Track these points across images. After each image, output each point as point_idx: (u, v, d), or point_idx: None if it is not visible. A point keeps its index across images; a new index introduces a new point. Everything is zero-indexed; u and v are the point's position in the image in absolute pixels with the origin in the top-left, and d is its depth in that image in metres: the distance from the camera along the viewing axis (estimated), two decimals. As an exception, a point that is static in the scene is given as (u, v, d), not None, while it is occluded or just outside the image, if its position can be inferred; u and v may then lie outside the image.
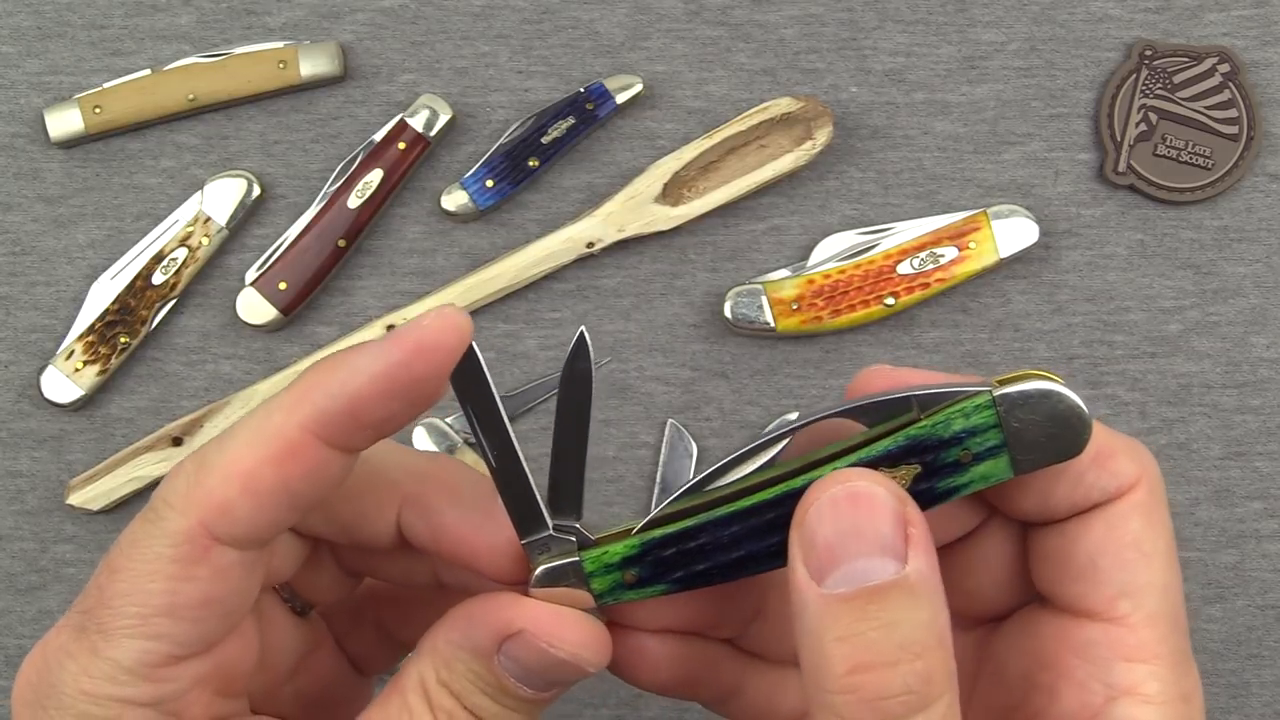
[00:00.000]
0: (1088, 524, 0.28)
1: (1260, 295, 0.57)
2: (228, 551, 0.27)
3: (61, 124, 0.56)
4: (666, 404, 0.56)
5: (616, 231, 0.56)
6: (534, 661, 0.28)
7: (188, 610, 0.26)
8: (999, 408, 0.27)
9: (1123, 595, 0.28)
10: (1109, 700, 0.28)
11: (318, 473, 0.27)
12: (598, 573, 0.28)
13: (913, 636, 0.25)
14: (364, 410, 0.26)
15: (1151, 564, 0.28)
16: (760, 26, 0.58)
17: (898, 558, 0.25)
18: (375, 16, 0.58)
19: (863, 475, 0.26)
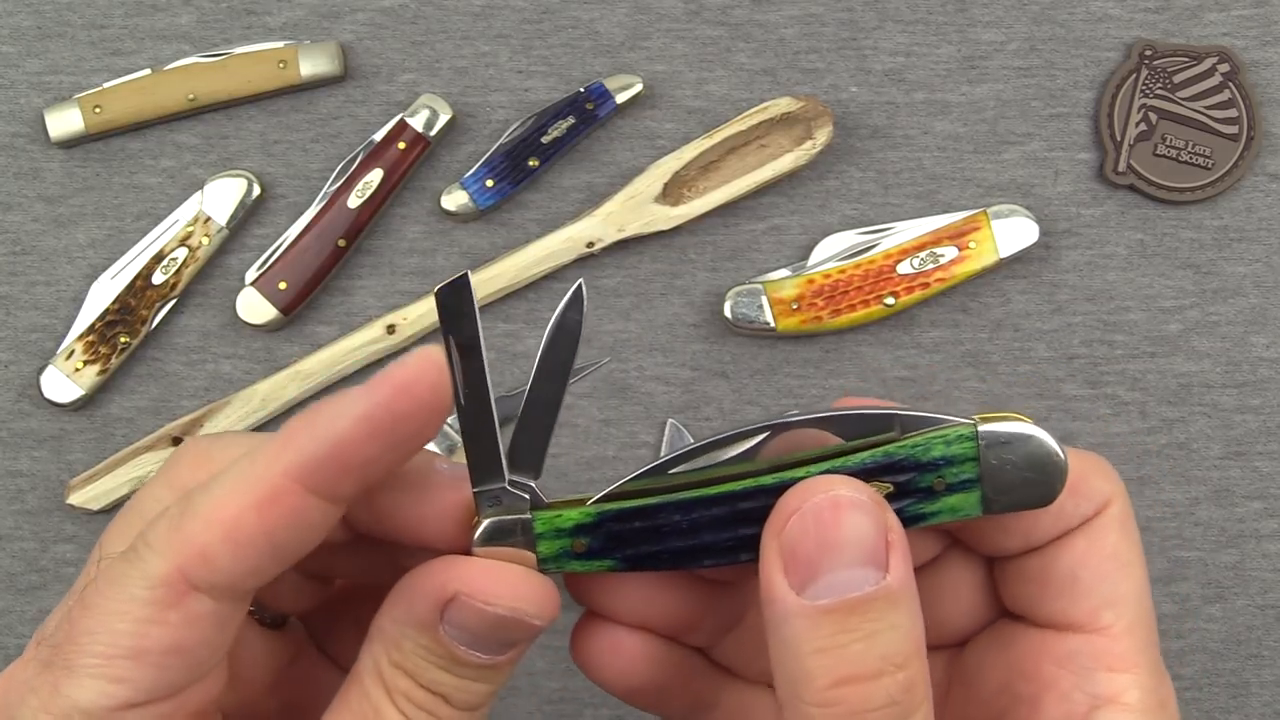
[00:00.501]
0: (1068, 541, 0.29)
1: (1260, 295, 0.57)
2: (203, 600, 0.26)
3: (61, 124, 0.56)
4: (666, 404, 0.56)
5: (616, 231, 0.56)
6: (476, 623, 0.27)
7: (154, 656, 0.26)
8: (980, 441, 0.26)
9: (1105, 606, 0.28)
10: (1092, 709, 0.28)
11: (301, 521, 0.26)
12: (547, 535, 0.28)
13: (895, 647, 0.25)
14: (348, 454, 0.26)
15: (1130, 575, 0.28)
16: (760, 26, 0.58)
17: (879, 567, 0.25)
18: (375, 16, 0.58)
19: (844, 483, 0.26)
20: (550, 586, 0.27)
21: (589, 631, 0.30)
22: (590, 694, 0.55)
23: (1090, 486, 0.28)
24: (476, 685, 0.28)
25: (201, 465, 0.28)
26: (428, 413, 0.26)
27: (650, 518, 0.27)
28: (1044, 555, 0.29)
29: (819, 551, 0.25)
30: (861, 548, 0.25)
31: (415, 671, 0.27)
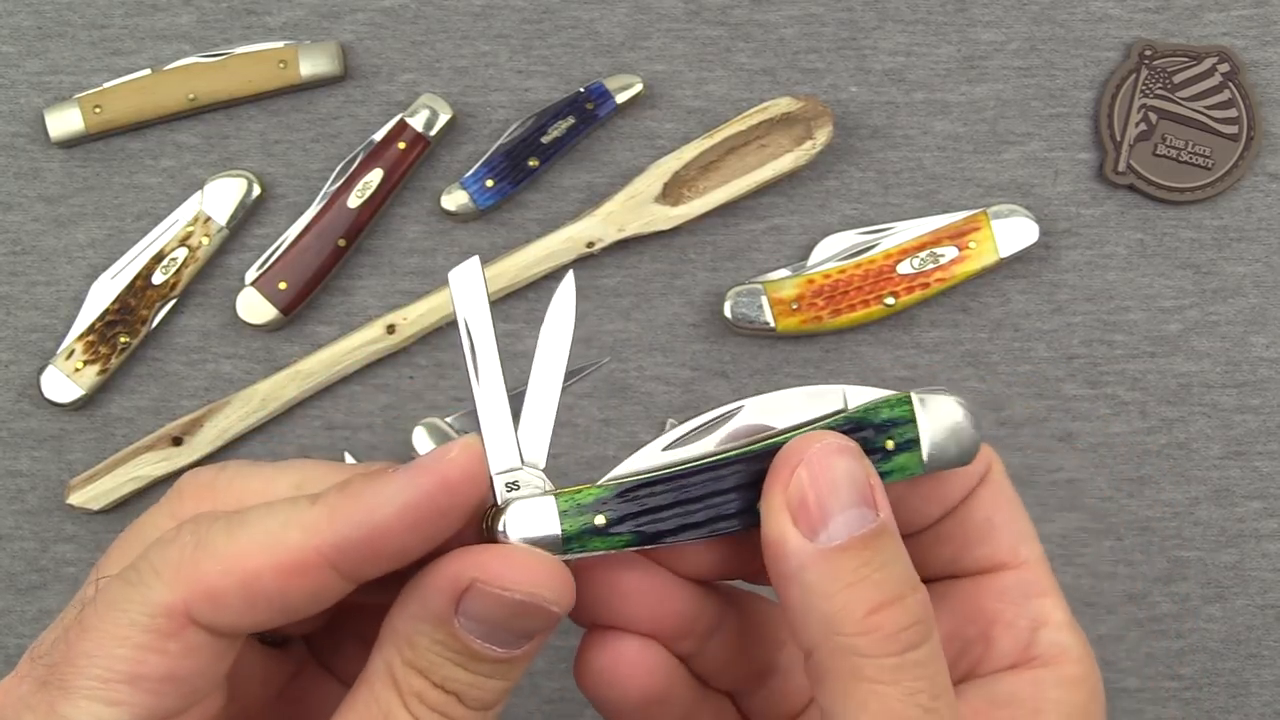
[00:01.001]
0: (974, 497, 0.32)
1: (1260, 295, 0.57)
2: (202, 633, 0.26)
3: (61, 124, 0.56)
4: (666, 404, 0.56)
5: (616, 231, 0.56)
6: (493, 612, 0.27)
7: (151, 683, 0.26)
8: (916, 406, 0.30)
9: (1020, 543, 0.32)
10: (1033, 630, 0.31)
11: (320, 592, 0.26)
12: (570, 511, 0.28)
13: (904, 572, 0.28)
14: (384, 543, 0.26)
15: (1026, 516, 0.33)
16: (760, 26, 0.58)
17: (872, 506, 0.28)
18: (375, 16, 0.58)
19: (828, 435, 0.29)
20: (566, 572, 0.28)
21: (599, 645, 0.31)
22: (590, 694, 0.55)
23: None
24: (491, 681, 0.28)
25: (205, 498, 0.29)
26: (466, 506, 0.27)
27: (664, 485, 0.29)
28: (957, 515, 0.32)
29: (825, 497, 0.28)
30: (855, 488, 0.28)
31: (429, 669, 0.27)
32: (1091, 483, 0.56)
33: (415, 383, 0.56)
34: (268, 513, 0.26)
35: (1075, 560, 0.56)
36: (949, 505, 0.32)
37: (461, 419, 0.55)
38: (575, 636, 0.58)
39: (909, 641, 0.27)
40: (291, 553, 0.26)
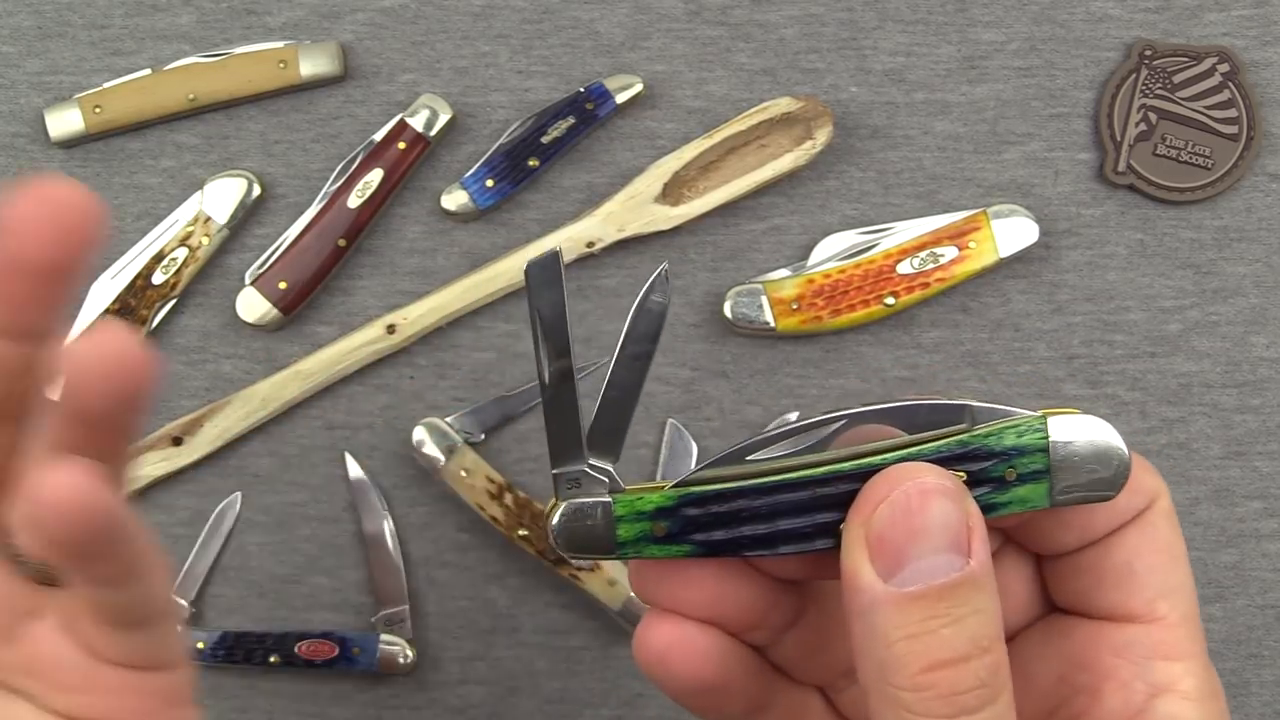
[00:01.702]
0: (1121, 534, 0.29)
1: (1260, 295, 0.57)
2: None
3: (61, 124, 0.56)
4: (666, 404, 0.56)
5: (616, 231, 0.56)
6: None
7: None
8: (1049, 433, 0.27)
9: (1160, 597, 0.29)
10: (1150, 697, 0.29)
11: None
12: (627, 518, 0.28)
13: (981, 630, 0.26)
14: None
15: (1180, 567, 0.29)
16: (760, 26, 0.58)
17: (963, 553, 0.26)
18: (375, 16, 0.58)
19: (930, 470, 0.27)
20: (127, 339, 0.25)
21: (656, 626, 0.30)
22: (590, 694, 0.55)
23: (1140, 482, 0.29)
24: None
25: None
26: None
27: (730, 501, 0.28)
28: (1098, 549, 0.29)
29: (907, 539, 0.26)
30: (947, 534, 0.26)
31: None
32: (1091, 483, 0.56)
33: (415, 383, 0.56)
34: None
35: (1075, 560, 0.56)
36: (1089, 538, 0.30)
37: (461, 419, 0.55)
38: (575, 636, 0.58)
39: (965, 705, 0.25)
40: None
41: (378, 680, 0.55)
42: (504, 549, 0.56)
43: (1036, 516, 0.29)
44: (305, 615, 0.56)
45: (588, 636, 0.56)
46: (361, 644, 0.54)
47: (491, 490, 0.54)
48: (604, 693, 0.56)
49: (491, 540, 0.56)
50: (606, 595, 0.54)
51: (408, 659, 0.54)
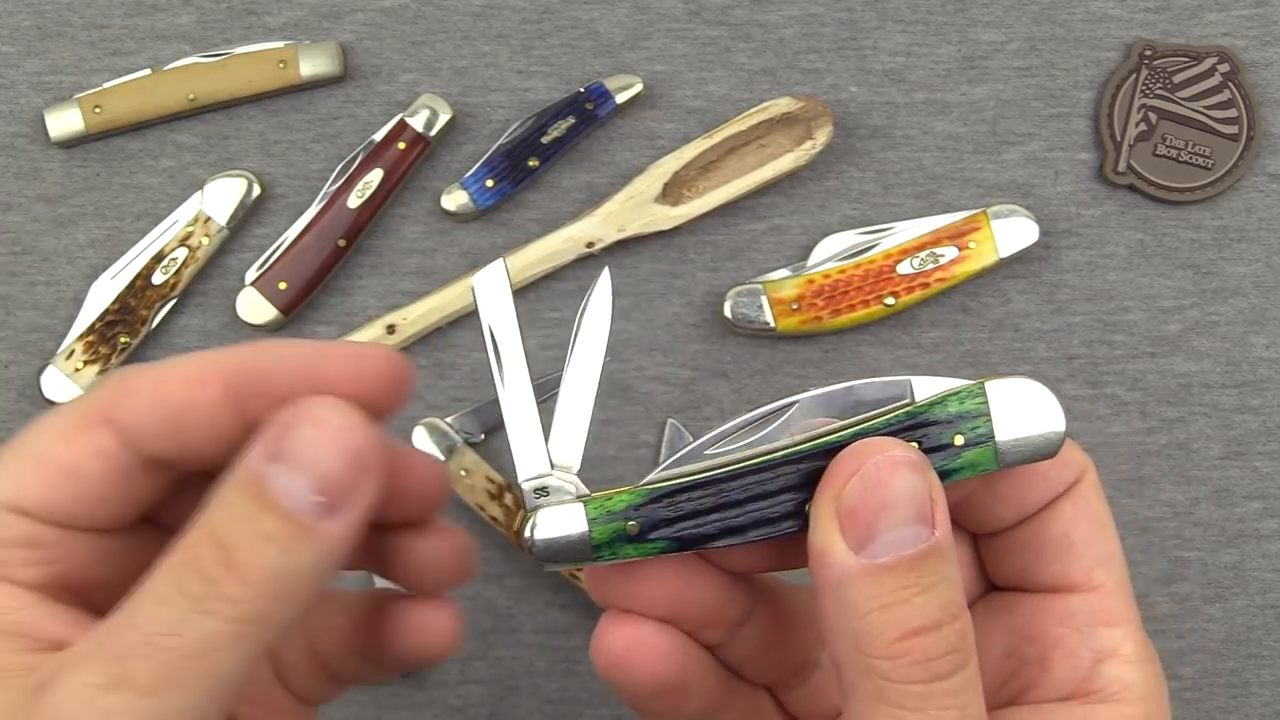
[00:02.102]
0: (1056, 508, 0.30)
1: (1260, 295, 0.57)
2: (111, 439, 0.27)
3: (61, 124, 0.56)
4: (666, 404, 0.56)
5: (616, 231, 0.56)
6: (298, 443, 0.26)
7: (50, 470, 0.27)
8: (989, 396, 0.28)
9: (1097, 565, 0.30)
10: (1096, 663, 0.30)
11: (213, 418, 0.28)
12: (600, 519, 0.28)
13: (949, 597, 0.27)
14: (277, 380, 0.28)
15: (1111, 536, 0.31)
16: (760, 26, 0.58)
17: (928, 523, 0.27)
18: (375, 16, 0.58)
19: (893, 444, 0.27)
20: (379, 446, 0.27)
21: (615, 628, 0.30)
22: (589, 694, 0.55)
23: (1069, 455, 0.30)
24: (271, 555, 0.25)
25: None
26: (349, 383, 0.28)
27: (701, 490, 0.28)
28: (1034, 524, 0.30)
29: (877, 511, 0.26)
30: (914, 505, 0.26)
31: (214, 524, 0.26)
32: (1091, 483, 0.56)
33: (415, 383, 0.56)
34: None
35: (1075, 560, 0.56)
36: (1026, 511, 0.31)
37: (461, 419, 0.55)
38: (574, 636, 0.58)
39: (939, 671, 0.26)
40: (195, 366, 0.27)
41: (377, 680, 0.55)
42: (504, 549, 0.56)
43: (976, 494, 0.30)
44: (305, 615, 0.56)
45: (588, 636, 0.55)
46: (361, 644, 0.54)
47: (491, 490, 0.54)
48: (604, 693, 0.56)
49: (491, 540, 0.56)
50: (606, 595, 0.54)
51: (408, 659, 0.54)
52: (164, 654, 0.24)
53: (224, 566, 0.25)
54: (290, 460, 0.26)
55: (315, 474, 0.26)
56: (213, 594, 0.25)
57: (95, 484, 0.27)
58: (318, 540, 0.26)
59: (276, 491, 0.25)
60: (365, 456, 0.26)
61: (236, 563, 0.25)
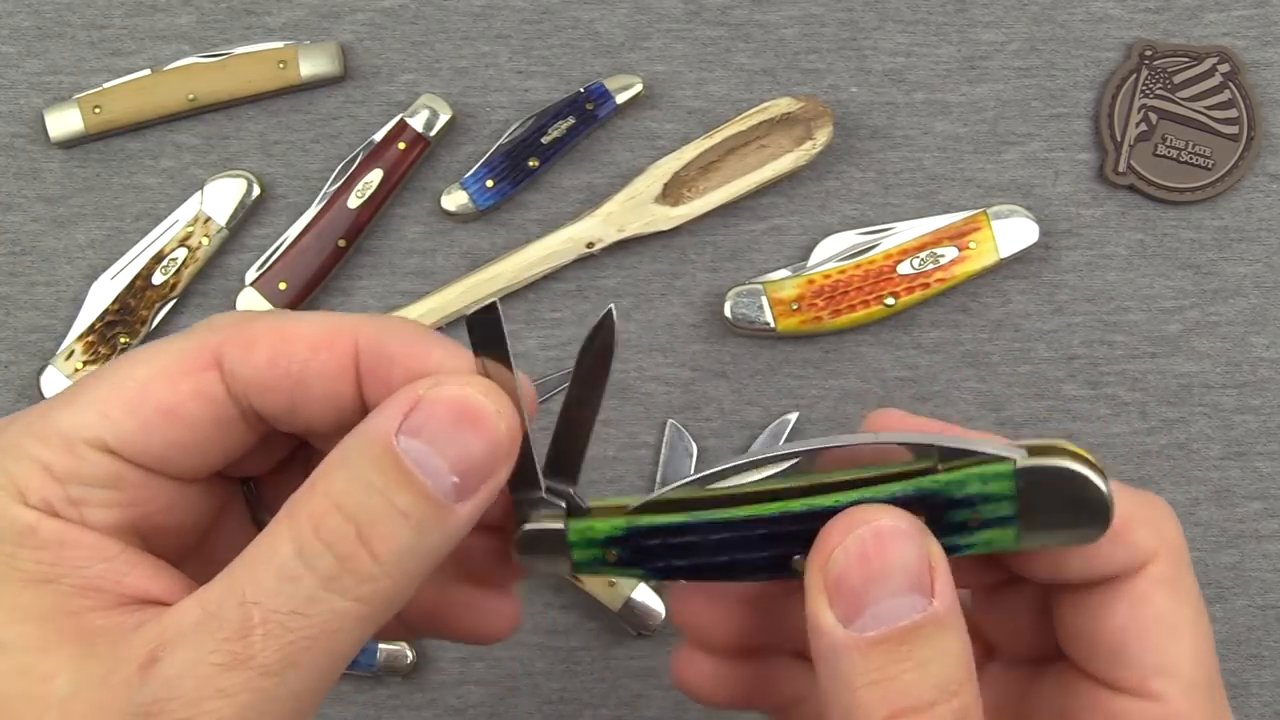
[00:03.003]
0: (1110, 603, 0.28)
1: (1260, 295, 0.57)
2: (218, 383, 0.26)
3: (61, 124, 0.56)
4: (666, 404, 0.56)
5: (616, 231, 0.56)
6: (438, 421, 0.25)
7: (147, 411, 0.25)
8: (1019, 481, 0.26)
9: (1155, 675, 0.27)
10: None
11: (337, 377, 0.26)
12: (579, 544, 0.28)
13: (947, 674, 0.25)
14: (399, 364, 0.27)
15: (1181, 638, 0.27)
16: (760, 26, 0.58)
17: (925, 593, 0.25)
18: (375, 16, 0.57)
19: (886, 512, 0.26)
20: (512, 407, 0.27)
21: (688, 664, 0.30)
22: (590, 694, 0.55)
23: (1132, 534, 0.27)
24: (404, 528, 0.25)
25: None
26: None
27: (679, 535, 0.28)
28: (1089, 612, 0.28)
29: (865, 582, 0.25)
30: (906, 575, 0.25)
31: (341, 495, 0.25)
32: (1091, 483, 0.56)
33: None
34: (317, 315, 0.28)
35: (1075, 560, 0.56)
36: (1061, 577, 0.28)
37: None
38: (574, 636, 0.58)
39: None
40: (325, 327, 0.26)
41: (377, 680, 0.55)
42: (504, 549, 0.56)
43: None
44: (305, 615, 0.56)
45: (588, 637, 0.56)
46: (361, 644, 0.54)
47: (491, 490, 0.54)
48: (604, 693, 0.56)
49: (491, 540, 0.56)
50: (606, 596, 0.54)
51: (407, 660, 0.54)
52: (290, 634, 0.23)
53: (357, 542, 0.24)
54: (430, 437, 0.25)
55: (457, 454, 0.25)
56: (345, 571, 0.24)
57: (194, 431, 0.26)
58: (450, 521, 0.25)
59: (415, 468, 0.24)
60: (506, 443, 0.26)
61: (370, 539, 0.24)
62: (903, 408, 0.56)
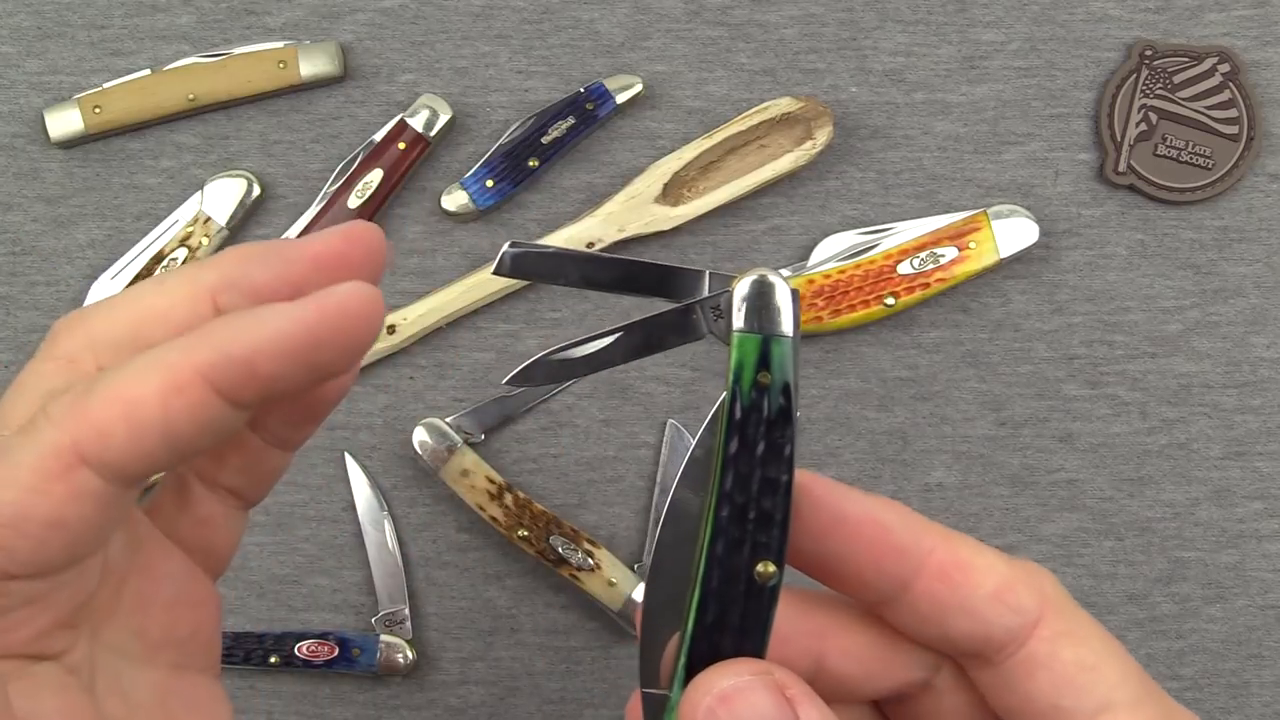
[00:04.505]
0: (1029, 673, 0.28)
1: (1260, 295, 0.57)
2: (90, 477, 0.25)
3: (61, 124, 0.56)
4: (666, 404, 0.56)
5: (616, 231, 0.56)
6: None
7: (34, 527, 0.25)
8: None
9: (1099, 715, 0.28)
10: None
11: (201, 417, 0.25)
12: None
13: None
14: (259, 365, 0.25)
15: (1103, 673, 0.28)
16: (760, 26, 0.58)
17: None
18: (375, 16, 0.58)
19: (721, 673, 0.26)
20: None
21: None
22: (590, 694, 0.55)
23: (1015, 597, 0.28)
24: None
25: (78, 331, 0.28)
26: (349, 346, 0.26)
27: None
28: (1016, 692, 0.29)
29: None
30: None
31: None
32: (1091, 483, 0.56)
33: (415, 383, 0.56)
34: (152, 348, 0.26)
35: (1075, 560, 0.56)
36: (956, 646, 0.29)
37: (461, 419, 0.55)
38: (574, 636, 0.58)
39: None
40: (170, 374, 0.25)
41: (377, 681, 0.55)
42: (504, 549, 0.56)
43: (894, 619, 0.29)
44: (305, 615, 0.56)
45: (588, 636, 0.56)
46: (361, 644, 0.54)
47: (491, 490, 0.54)
48: (604, 693, 0.56)
49: (491, 540, 0.56)
50: (606, 596, 0.54)
51: (407, 659, 0.54)
52: None
53: None
54: None
55: None
56: None
57: (86, 523, 0.26)
58: None
59: None
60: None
61: None
62: (903, 407, 0.56)
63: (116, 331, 0.27)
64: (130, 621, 0.29)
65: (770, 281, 0.27)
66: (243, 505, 0.32)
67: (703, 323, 0.28)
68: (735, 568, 0.27)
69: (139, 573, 0.29)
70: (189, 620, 0.30)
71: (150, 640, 0.29)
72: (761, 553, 0.26)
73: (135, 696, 0.28)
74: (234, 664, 0.55)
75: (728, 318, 0.27)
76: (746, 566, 0.27)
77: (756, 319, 0.27)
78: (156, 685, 0.29)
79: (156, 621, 0.29)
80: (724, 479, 0.27)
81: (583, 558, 0.54)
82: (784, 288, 0.27)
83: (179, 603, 0.30)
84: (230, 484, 0.31)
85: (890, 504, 0.29)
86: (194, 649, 0.30)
